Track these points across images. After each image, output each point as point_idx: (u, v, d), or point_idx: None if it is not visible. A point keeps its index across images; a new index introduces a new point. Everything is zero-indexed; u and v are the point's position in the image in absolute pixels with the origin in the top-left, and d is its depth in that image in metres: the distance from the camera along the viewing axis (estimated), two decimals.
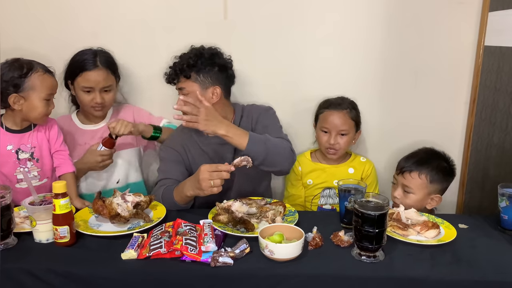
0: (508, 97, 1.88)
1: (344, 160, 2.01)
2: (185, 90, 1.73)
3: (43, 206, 1.37)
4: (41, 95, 1.60)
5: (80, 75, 1.79)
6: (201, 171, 1.47)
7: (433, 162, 1.73)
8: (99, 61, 1.81)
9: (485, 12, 1.91)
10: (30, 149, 1.66)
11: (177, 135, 1.85)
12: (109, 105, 1.90)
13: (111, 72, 1.86)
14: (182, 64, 1.73)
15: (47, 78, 1.63)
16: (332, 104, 1.94)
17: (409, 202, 1.69)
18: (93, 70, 1.79)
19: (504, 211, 1.45)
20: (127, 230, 1.42)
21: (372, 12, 1.98)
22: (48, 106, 1.63)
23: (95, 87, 1.80)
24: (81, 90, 1.81)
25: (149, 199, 1.52)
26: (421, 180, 1.69)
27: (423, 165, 1.71)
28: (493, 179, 1.99)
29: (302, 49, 2.03)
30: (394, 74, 2.05)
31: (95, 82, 1.80)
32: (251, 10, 1.98)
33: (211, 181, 1.44)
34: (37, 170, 1.67)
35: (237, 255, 1.27)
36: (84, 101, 1.83)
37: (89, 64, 1.79)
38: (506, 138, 1.91)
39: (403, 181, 1.72)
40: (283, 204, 1.55)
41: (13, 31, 1.99)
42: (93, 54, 1.82)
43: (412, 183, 1.70)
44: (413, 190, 1.70)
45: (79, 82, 1.80)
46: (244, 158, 1.52)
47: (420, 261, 1.27)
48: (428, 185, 1.69)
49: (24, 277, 1.23)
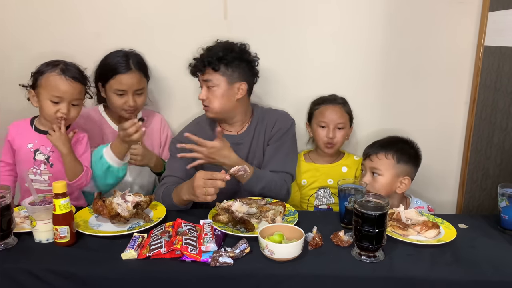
0: (508, 97, 1.88)
1: (337, 159, 2.02)
2: (211, 83, 1.72)
3: (43, 206, 1.37)
4: (48, 94, 1.59)
5: (113, 78, 1.77)
6: (196, 177, 1.46)
7: (398, 144, 1.76)
8: (132, 63, 1.80)
9: (485, 12, 1.91)
10: (48, 152, 1.65)
11: (189, 130, 1.82)
12: (140, 108, 1.89)
13: (144, 75, 1.85)
14: (211, 56, 1.71)
15: (59, 80, 1.58)
16: (327, 100, 1.97)
17: (378, 186, 1.71)
18: (126, 73, 1.78)
19: (504, 211, 1.45)
20: (127, 230, 1.42)
21: (372, 12, 1.98)
22: (54, 108, 1.59)
23: (128, 90, 1.79)
24: (114, 93, 1.80)
25: (149, 199, 1.52)
26: (388, 160, 1.71)
27: (388, 146, 1.74)
28: (493, 179, 2.00)
29: (302, 49, 2.03)
30: (394, 74, 2.05)
31: (128, 85, 1.78)
32: (251, 10, 1.99)
33: (205, 189, 1.44)
34: (48, 175, 1.66)
35: (237, 255, 1.27)
36: (117, 103, 1.81)
37: (122, 67, 1.78)
38: (506, 138, 1.91)
39: (371, 164, 1.74)
40: (283, 204, 1.55)
41: (15, 31, 2.00)
42: (125, 57, 1.80)
43: (380, 164, 1.72)
44: (381, 172, 1.71)
45: (111, 85, 1.79)
46: (241, 168, 1.52)
47: (420, 261, 1.27)
48: (395, 165, 1.71)
49: (24, 277, 1.23)
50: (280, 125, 1.82)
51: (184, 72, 2.04)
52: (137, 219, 1.49)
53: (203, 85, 1.75)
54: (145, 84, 1.87)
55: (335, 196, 1.95)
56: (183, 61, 2.03)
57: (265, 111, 1.88)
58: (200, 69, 1.74)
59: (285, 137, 1.82)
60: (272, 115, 1.85)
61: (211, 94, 1.72)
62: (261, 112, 1.86)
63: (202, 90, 1.74)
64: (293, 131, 1.86)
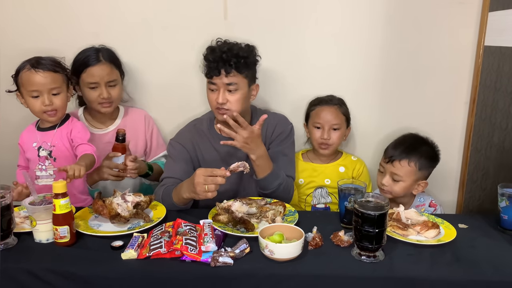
0: (508, 97, 1.88)
1: (335, 159, 2.02)
2: (234, 86, 1.66)
3: (43, 206, 1.37)
4: (26, 92, 1.63)
5: (84, 71, 1.78)
6: (196, 174, 1.46)
7: (421, 148, 1.78)
8: (101, 56, 1.81)
9: (485, 12, 1.91)
10: (50, 147, 1.68)
11: (187, 130, 1.83)
12: (116, 100, 1.88)
13: (115, 67, 1.86)
14: (235, 57, 1.64)
15: (30, 75, 1.61)
16: (323, 101, 1.97)
17: (397, 190, 1.76)
18: (96, 65, 1.79)
19: (504, 211, 1.45)
20: (127, 230, 1.42)
21: (372, 12, 1.98)
22: (37, 103, 1.63)
23: (100, 82, 1.79)
24: (87, 87, 1.80)
25: (149, 199, 1.52)
26: (410, 167, 1.74)
27: (412, 152, 1.75)
28: (493, 179, 1.99)
29: (302, 49, 2.03)
30: (394, 74, 2.05)
31: (99, 76, 1.79)
32: (251, 10, 1.99)
33: (205, 186, 1.43)
34: (53, 169, 1.69)
35: (237, 255, 1.27)
36: (91, 97, 1.82)
37: (92, 59, 1.79)
38: (506, 138, 1.91)
39: (392, 169, 1.76)
40: (283, 204, 1.55)
41: (14, 32, 1.99)
42: (95, 51, 1.83)
43: (402, 171, 1.74)
44: (402, 178, 1.75)
45: (84, 79, 1.79)
46: (241, 164, 1.50)
47: (420, 261, 1.27)
48: (416, 172, 1.75)
49: (24, 277, 1.23)
50: (280, 129, 1.82)
51: (183, 72, 2.05)
52: (137, 219, 1.49)
53: (221, 88, 1.66)
54: (118, 76, 1.87)
55: (332, 195, 1.95)
56: (182, 61, 2.04)
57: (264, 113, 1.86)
58: (226, 71, 1.64)
59: (286, 141, 1.82)
60: (271, 118, 1.83)
61: (232, 97, 1.67)
62: (260, 114, 1.83)
63: (221, 93, 1.65)
64: (293, 135, 1.87)
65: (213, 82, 1.67)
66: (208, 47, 1.72)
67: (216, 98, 1.67)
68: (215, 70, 1.64)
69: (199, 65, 1.76)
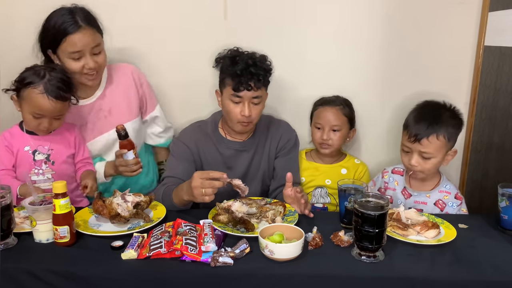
0: (508, 97, 1.88)
1: (338, 160, 2.02)
2: (259, 99, 1.68)
3: (43, 206, 1.37)
4: (29, 110, 1.57)
5: (64, 41, 1.58)
6: (193, 178, 1.44)
7: (445, 118, 1.64)
8: (80, 20, 1.59)
9: (485, 12, 1.91)
10: (48, 151, 1.65)
11: (192, 130, 1.82)
12: (102, 68, 1.71)
13: (96, 30, 1.65)
14: (261, 70, 1.64)
15: (41, 100, 1.54)
16: (326, 101, 1.97)
17: (429, 167, 1.65)
18: (77, 32, 1.58)
19: (504, 211, 1.45)
20: (127, 230, 1.42)
21: (372, 12, 1.98)
22: (37, 123, 1.59)
23: (85, 50, 1.60)
24: (69, 58, 1.61)
25: (149, 199, 1.52)
26: (440, 141, 1.61)
27: (437, 125, 1.61)
28: (493, 179, 1.99)
29: (302, 49, 2.03)
30: (394, 74, 2.05)
31: (83, 44, 1.59)
32: (251, 10, 1.99)
33: (203, 190, 1.42)
34: (51, 173, 1.66)
35: (237, 255, 1.27)
36: (75, 69, 1.62)
37: (69, 26, 1.57)
38: (506, 138, 1.91)
39: (420, 147, 1.62)
40: (283, 204, 1.55)
41: (12, 32, 1.99)
42: (71, 14, 1.59)
43: (431, 147, 1.61)
44: (433, 154, 1.63)
45: (64, 50, 1.59)
46: (245, 187, 1.46)
47: (420, 261, 1.27)
48: (447, 144, 1.64)
49: (24, 277, 1.23)
50: (287, 137, 1.85)
51: (183, 72, 2.05)
52: (137, 219, 1.49)
53: (246, 101, 1.65)
54: (101, 39, 1.67)
55: (332, 196, 1.95)
56: (182, 61, 2.04)
57: (268, 120, 1.88)
58: (255, 85, 1.63)
59: (293, 150, 1.86)
60: (276, 126, 1.86)
61: (255, 109, 1.68)
62: (264, 122, 1.86)
63: (246, 107, 1.65)
64: (298, 142, 1.90)
65: (240, 96, 1.65)
66: (225, 57, 1.69)
67: (241, 111, 1.66)
68: (245, 85, 1.62)
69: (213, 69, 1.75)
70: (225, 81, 1.68)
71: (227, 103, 1.69)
